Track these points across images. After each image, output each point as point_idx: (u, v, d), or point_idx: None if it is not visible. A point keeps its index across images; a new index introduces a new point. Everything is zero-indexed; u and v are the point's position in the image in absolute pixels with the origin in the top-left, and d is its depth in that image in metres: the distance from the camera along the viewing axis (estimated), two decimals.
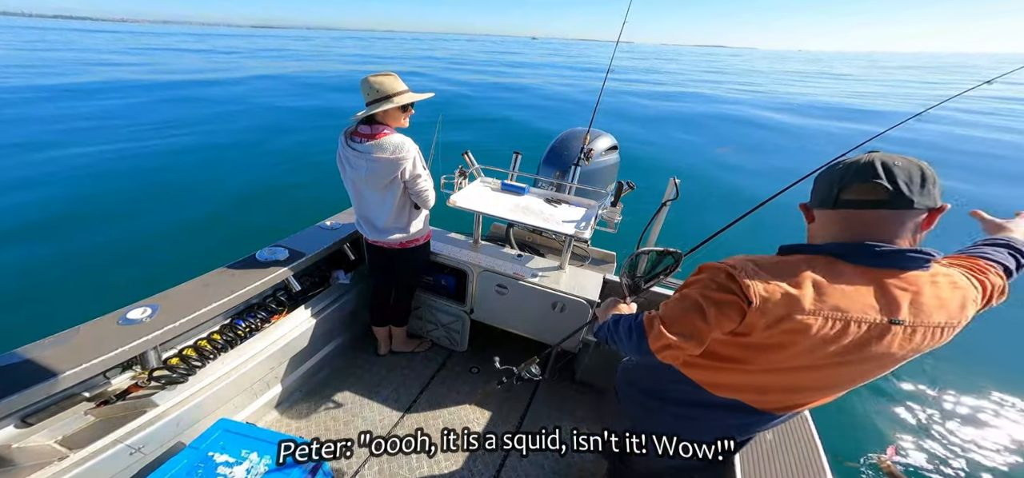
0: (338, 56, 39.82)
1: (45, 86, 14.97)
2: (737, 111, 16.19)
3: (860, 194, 0.78)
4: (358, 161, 1.78)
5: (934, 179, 0.76)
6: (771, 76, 38.38)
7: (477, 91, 18.48)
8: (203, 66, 25.22)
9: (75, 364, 1.32)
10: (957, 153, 10.45)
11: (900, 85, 33.09)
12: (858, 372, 0.85)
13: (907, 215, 0.76)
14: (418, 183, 1.87)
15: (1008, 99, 22.99)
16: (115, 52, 33.38)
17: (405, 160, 1.78)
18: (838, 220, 0.82)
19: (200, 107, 12.70)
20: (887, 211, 0.76)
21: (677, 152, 10.00)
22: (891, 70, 59.07)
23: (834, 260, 0.80)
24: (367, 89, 1.73)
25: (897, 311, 0.76)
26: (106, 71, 20.39)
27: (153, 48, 41.35)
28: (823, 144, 11.13)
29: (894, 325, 0.76)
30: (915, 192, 0.74)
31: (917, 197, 0.74)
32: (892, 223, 0.77)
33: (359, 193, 1.91)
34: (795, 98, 21.40)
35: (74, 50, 33.49)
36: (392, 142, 1.75)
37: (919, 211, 0.76)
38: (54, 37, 53.13)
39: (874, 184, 0.75)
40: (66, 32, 61.96)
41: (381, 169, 1.77)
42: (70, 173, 6.78)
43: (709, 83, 27.82)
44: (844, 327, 0.76)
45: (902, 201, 0.74)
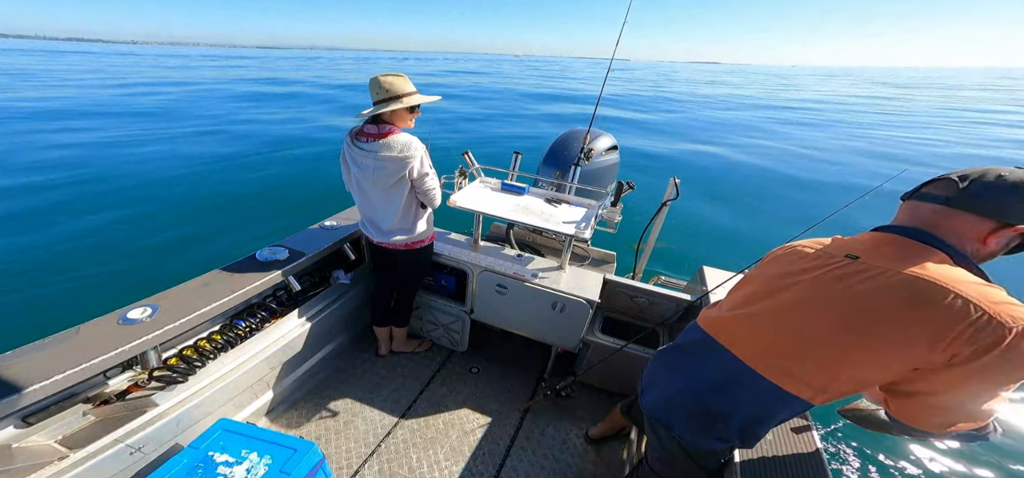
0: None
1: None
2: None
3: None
4: (364, 160, 1.77)
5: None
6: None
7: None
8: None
9: (75, 364, 1.32)
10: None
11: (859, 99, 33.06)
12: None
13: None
14: (426, 182, 1.86)
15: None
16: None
17: (412, 159, 1.77)
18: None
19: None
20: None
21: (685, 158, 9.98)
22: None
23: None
24: (376, 88, 1.72)
25: None
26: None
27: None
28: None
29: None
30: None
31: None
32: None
33: (364, 193, 1.90)
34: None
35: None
36: (399, 141, 1.75)
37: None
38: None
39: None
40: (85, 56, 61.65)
41: (389, 168, 1.77)
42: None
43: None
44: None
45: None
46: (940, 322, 0.78)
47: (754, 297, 1.10)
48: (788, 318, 0.98)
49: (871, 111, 22.21)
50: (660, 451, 1.28)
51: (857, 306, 0.87)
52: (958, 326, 0.77)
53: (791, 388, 0.96)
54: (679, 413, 1.14)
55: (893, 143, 13.07)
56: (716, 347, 1.10)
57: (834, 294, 0.92)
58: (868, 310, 0.86)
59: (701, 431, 1.11)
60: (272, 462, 1.35)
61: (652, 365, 1.31)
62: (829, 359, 0.91)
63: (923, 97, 32.60)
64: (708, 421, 1.09)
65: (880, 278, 0.87)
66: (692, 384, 1.13)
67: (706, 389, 1.09)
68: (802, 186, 8.09)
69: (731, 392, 1.05)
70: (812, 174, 8.91)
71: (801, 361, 0.94)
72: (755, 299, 1.09)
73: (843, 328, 0.88)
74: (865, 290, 0.88)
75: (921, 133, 15.51)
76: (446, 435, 2.04)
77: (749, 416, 1.04)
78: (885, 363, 0.85)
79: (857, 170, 9.37)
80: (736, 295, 1.18)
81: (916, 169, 9.33)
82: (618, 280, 2.16)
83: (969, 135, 15.27)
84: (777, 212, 6.70)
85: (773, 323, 1.00)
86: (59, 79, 24.68)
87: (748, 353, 1.03)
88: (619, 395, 2.29)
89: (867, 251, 0.95)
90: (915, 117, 20.41)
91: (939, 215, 0.90)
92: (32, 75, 27.33)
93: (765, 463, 1.21)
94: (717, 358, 1.09)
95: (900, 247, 0.91)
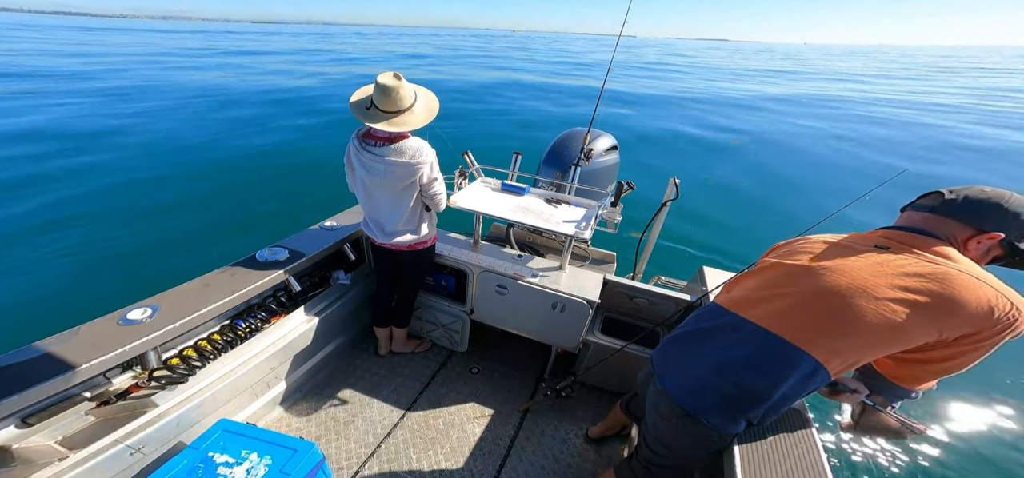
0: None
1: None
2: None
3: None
4: (374, 164, 1.74)
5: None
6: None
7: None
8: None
9: (75, 364, 1.33)
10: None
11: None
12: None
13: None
14: (434, 187, 1.86)
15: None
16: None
17: (424, 165, 1.76)
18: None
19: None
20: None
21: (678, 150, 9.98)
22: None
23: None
24: (386, 98, 1.65)
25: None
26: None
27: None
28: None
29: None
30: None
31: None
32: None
33: (370, 195, 1.87)
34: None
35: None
36: (411, 146, 1.73)
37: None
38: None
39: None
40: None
41: (399, 173, 1.75)
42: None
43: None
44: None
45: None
46: (973, 321, 0.92)
47: (787, 280, 1.14)
48: (839, 301, 1.02)
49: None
50: (664, 434, 1.29)
51: (901, 294, 0.96)
52: (985, 325, 0.92)
53: (832, 365, 1.03)
54: (709, 396, 1.15)
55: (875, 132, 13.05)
56: (752, 328, 1.12)
57: (880, 282, 0.99)
58: (909, 299, 0.95)
59: (732, 415, 1.14)
60: (272, 462, 1.35)
61: (666, 352, 1.30)
62: (872, 340, 0.98)
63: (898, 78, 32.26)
64: (742, 402, 1.12)
65: (913, 266, 0.99)
66: (722, 365, 1.14)
67: (742, 368, 1.11)
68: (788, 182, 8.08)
69: (770, 371, 1.08)
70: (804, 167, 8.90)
71: (850, 340, 1.00)
72: (790, 282, 1.13)
73: (890, 312, 0.96)
74: (906, 281, 0.97)
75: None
76: (446, 435, 2.05)
77: (784, 395, 1.08)
78: (912, 341, 0.97)
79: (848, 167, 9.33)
80: (757, 279, 1.22)
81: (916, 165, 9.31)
82: (618, 280, 2.16)
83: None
84: (770, 218, 6.70)
85: (824, 305, 1.04)
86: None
87: (797, 334, 1.06)
88: (619, 395, 2.30)
89: (892, 243, 1.07)
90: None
91: (928, 220, 1.07)
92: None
93: (765, 463, 1.21)
94: (754, 338, 1.11)
95: (915, 241, 1.05)
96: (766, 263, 1.26)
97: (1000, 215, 0.98)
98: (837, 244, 1.15)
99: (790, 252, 1.23)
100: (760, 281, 1.21)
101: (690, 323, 1.30)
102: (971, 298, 0.91)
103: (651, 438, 1.36)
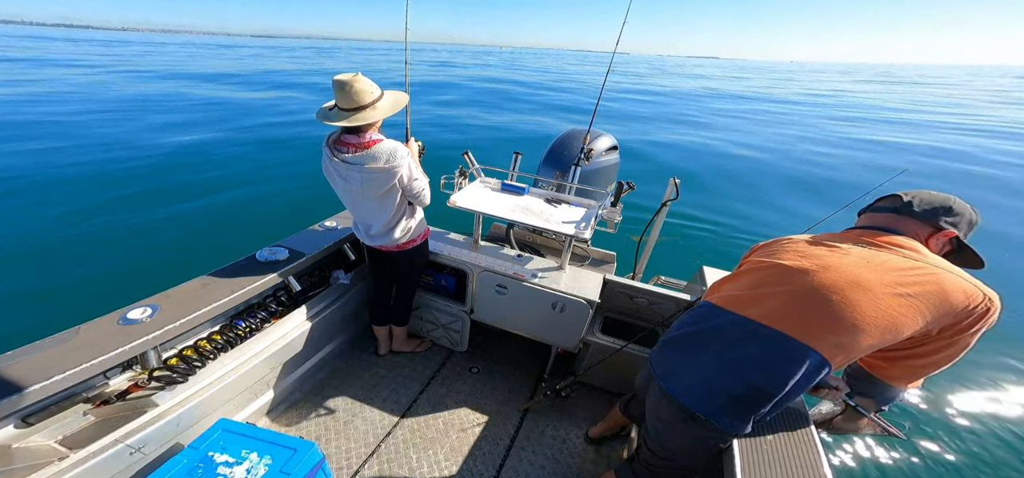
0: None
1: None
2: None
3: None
4: (350, 173, 1.70)
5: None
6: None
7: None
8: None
9: (75, 364, 1.32)
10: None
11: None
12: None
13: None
14: (415, 186, 1.83)
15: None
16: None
17: (400, 167, 1.72)
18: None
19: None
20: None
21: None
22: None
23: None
24: (344, 94, 1.59)
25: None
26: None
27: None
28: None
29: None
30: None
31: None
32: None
33: (355, 202, 1.85)
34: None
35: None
36: (384, 150, 1.68)
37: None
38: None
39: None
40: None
41: (378, 178, 1.71)
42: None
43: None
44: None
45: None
46: (956, 314, 0.99)
47: (781, 279, 1.15)
48: (839, 297, 1.03)
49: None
50: (666, 438, 1.29)
51: (896, 289, 1.01)
52: (964, 317, 0.99)
53: (836, 360, 1.05)
54: (718, 398, 1.14)
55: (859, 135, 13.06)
56: (756, 327, 1.12)
57: (874, 278, 1.03)
58: (904, 293, 1.00)
59: (742, 414, 1.14)
60: (272, 462, 1.35)
61: (665, 355, 1.28)
62: (872, 334, 1.00)
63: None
64: (752, 401, 1.11)
65: (901, 262, 1.04)
66: (729, 365, 1.13)
67: (750, 368, 1.11)
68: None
69: (778, 368, 1.07)
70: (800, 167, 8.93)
71: (851, 335, 1.02)
72: (784, 281, 1.14)
73: (888, 306, 1.00)
74: (898, 277, 1.02)
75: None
76: (446, 435, 2.04)
77: (790, 392, 1.08)
78: (905, 333, 1.01)
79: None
80: (748, 279, 1.23)
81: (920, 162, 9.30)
82: (618, 280, 2.16)
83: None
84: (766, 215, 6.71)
85: (824, 301, 1.05)
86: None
87: (802, 331, 1.06)
88: (619, 395, 2.30)
89: (873, 241, 1.12)
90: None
91: (894, 220, 1.15)
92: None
93: (765, 463, 1.21)
94: (759, 337, 1.10)
95: (892, 239, 1.10)
96: (753, 263, 1.27)
97: (952, 215, 1.10)
98: (821, 243, 1.18)
99: (775, 252, 1.23)
100: (753, 280, 1.20)
101: (687, 325, 1.28)
102: (956, 291, 0.98)
103: (652, 441, 1.35)
